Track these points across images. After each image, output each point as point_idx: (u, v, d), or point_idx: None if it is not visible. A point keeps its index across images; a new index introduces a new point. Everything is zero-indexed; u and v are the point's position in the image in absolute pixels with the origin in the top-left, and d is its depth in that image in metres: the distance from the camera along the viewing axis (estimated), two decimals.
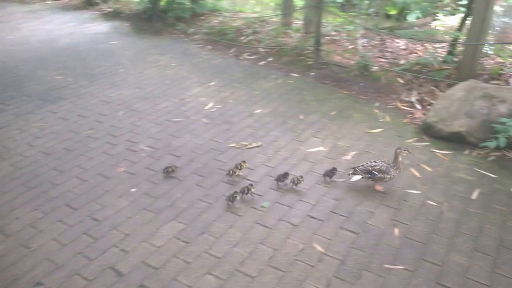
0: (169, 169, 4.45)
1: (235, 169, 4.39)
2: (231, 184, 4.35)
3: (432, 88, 6.33)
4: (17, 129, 5.49)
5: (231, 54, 8.19)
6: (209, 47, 8.61)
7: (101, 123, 5.62)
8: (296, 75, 7.16)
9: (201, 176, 4.50)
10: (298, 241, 3.63)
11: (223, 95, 6.40)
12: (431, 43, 7.72)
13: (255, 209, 3.99)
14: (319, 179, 4.35)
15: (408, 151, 4.16)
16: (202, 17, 10.11)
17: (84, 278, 3.29)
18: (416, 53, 7.56)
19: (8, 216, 3.96)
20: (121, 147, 5.06)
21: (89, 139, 5.25)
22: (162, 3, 10.15)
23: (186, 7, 9.92)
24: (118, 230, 3.76)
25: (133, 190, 4.29)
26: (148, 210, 4.00)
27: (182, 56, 8.12)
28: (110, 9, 11.23)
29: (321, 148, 4.98)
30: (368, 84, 6.69)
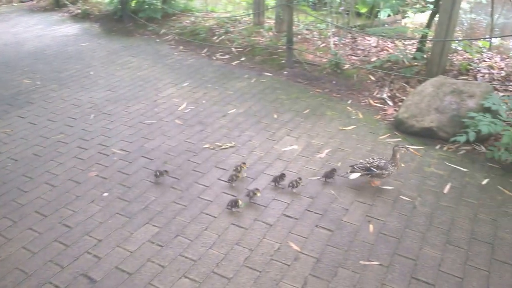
0: (157, 172, 4.36)
1: (237, 174, 4.31)
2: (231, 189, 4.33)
3: (403, 85, 6.41)
4: None
5: (203, 54, 8.14)
6: (181, 47, 8.54)
7: (72, 127, 5.51)
8: (269, 74, 7.17)
9: (175, 178, 4.46)
10: (274, 240, 3.62)
11: (197, 96, 6.36)
12: (401, 40, 7.82)
13: (230, 210, 3.97)
14: (294, 177, 4.35)
15: (406, 149, 4.21)
16: (173, 18, 10.02)
17: (56, 287, 3.21)
18: (387, 50, 7.65)
19: None
20: (92, 151, 4.97)
21: (59, 143, 5.14)
22: (132, 4, 10.02)
23: (157, 7, 9.81)
24: (90, 236, 3.68)
25: (106, 194, 4.22)
26: (121, 215, 3.93)
27: (154, 57, 8.03)
28: (79, 11, 11.04)
29: (295, 147, 4.99)
30: (341, 82, 6.74)
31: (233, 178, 4.30)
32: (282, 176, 4.27)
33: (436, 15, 6.66)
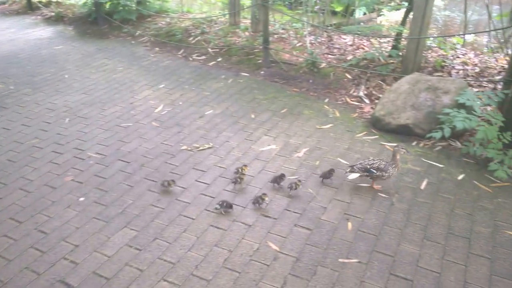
0: (165, 182, 4.23)
1: (240, 176, 4.26)
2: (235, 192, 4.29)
3: (379, 82, 6.47)
4: None
5: (180, 56, 8.09)
6: (157, 49, 8.47)
7: (46, 131, 5.42)
8: (246, 74, 7.16)
9: (153, 181, 4.41)
10: (253, 241, 3.61)
11: (173, 97, 6.31)
12: (377, 38, 7.89)
13: (209, 211, 3.95)
14: (272, 177, 4.34)
15: (406, 150, 4.22)
16: (149, 19, 9.94)
17: None
18: (363, 48, 7.70)
19: None
20: (68, 155, 4.89)
21: (34, 148, 5.04)
22: (106, 6, 9.89)
23: (132, 9, 9.72)
24: (67, 242, 3.62)
25: (82, 199, 4.15)
26: (98, 219, 3.88)
27: (130, 59, 7.95)
28: (53, 13, 10.88)
29: (273, 147, 4.99)
30: (318, 81, 6.77)
31: (237, 181, 4.24)
32: (282, 177, 4.25)
33: (410, 13, 6.73)
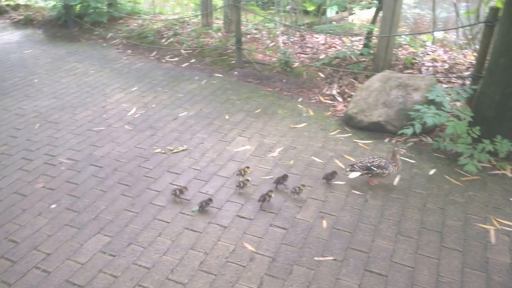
0: (177, 191, 4.10)
1: (245, 181, 4.20)
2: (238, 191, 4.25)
3: (352, 81, 6.53)
4: None
5: (152, 58, 8.02)
6: (129, 51, 8.38)
7: (16, 138, 5.30)
8: (220, 75, 7.13)
9: (126, 185, 4.36)
10: (228, 242, 3.60)
11: (146, 100, 6.25)
12: (348, 37, 7.96)
13: (184, 214, 3.92)
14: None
15: (406, 151, 4.25)
16: (120, 21, 9.82)
17: None
18: (335, 47, 7.75)
19: None
20: (38, 161, 4.79)
21: (3, 155, 4.93)
22: (77, 8, 9.73)
23: (102, 11, 9.59)
24: (38, 250, 3.54)
25: (53, 206, 4.07)
26: (70, 226, 3.81)
27: (101, 62, 7.84)
28: (21, 17, 10.66)
29: (247, 147, 4.98)
30: (291, 80, 6.79)
31: (241, 185, 4.19)
32: (284, 177, 4.25)
33: (380, 11, 6.81)
